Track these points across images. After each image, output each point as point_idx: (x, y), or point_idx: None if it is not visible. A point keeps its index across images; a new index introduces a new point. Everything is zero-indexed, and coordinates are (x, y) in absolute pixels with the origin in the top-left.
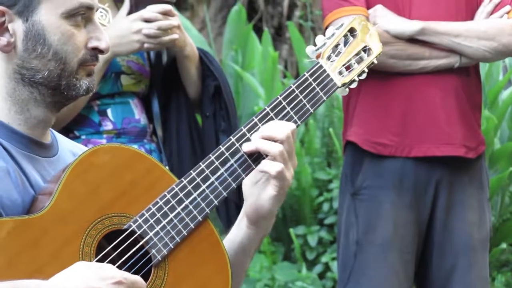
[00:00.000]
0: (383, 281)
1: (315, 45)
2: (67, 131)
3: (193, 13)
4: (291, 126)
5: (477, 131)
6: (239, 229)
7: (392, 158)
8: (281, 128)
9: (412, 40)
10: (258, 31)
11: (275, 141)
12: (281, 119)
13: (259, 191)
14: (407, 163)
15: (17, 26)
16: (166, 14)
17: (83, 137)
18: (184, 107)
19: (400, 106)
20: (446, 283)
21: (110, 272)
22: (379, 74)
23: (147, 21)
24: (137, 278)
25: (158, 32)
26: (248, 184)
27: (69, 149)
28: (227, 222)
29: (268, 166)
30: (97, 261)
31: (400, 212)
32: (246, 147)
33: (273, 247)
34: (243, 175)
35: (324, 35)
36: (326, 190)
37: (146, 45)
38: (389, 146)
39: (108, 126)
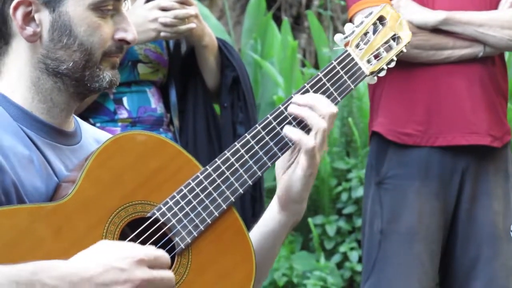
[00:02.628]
0: (408, 271)
1: (343, 33)
2: (82, 118)
3: (212, 2)
4: (335, 108)
5: (503, 120)
6: (270, 215)
7: (417, 148)
8: (327, 105)
9: (435, 30)
10: (277, 20)
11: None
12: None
13: (289, 175)
14: (432, 152)
15: (44, 16)
16: (183, 3)
17: (98, 125)
18: (202, 98)
19: (424, 96)
20: (470, 272)
21: (132, 250)
22: (403, 65)
23: (164, 10)
24: (160, 253)
25: (174, 21)
26: (280, 167)
27: (93, 137)
28: (242, 212)
29: (302, 136)
30: None
31: (425, 202)
32: (291, 109)
33: (291, 236)
34: (269, 163)
35: (353, 23)
36: (345, 180)
37: (162, 34)
38: (414, 135)
39: (123, 114)
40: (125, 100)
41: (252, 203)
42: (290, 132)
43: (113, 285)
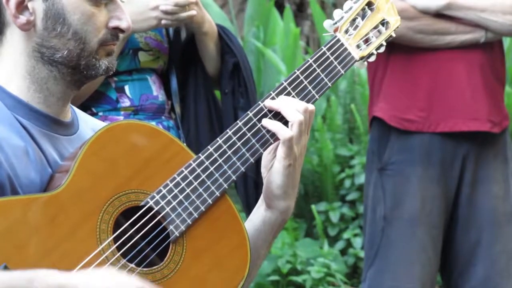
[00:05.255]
0: (411, 256)
1: (333, 19)
2: (85, 108)
3: None
4: (310, 105)
5: (502, 106)
6: (257, 214)
7: (419, 133)
8: (302, 102)
9: (438, 15)
10: (280, 7)
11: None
12: (299, 93)
13: (270, 170)
14: (434, 138)
15: (37, 5)
16: None
17: (101, 113)
18: (203, 84)
19: (426, 81)
20: (470, 257)
21: (129, 281)
22: (405, 50)
23: None
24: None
25: (175, 8)
26: (264, 166)
27: (91, 127)
28: (246, 198)
29: (279, 127)
30: (115, 238)
31: (427, 187)
32: (269, 103)
33: (295, 223)
34: (261, 150)
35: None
36: (348, 166)
37: (163, 22)
38: (415, 121)
39: (125, 102)
40: (127, 88)
41: (255, 189)
42: (268, 123)
43: None
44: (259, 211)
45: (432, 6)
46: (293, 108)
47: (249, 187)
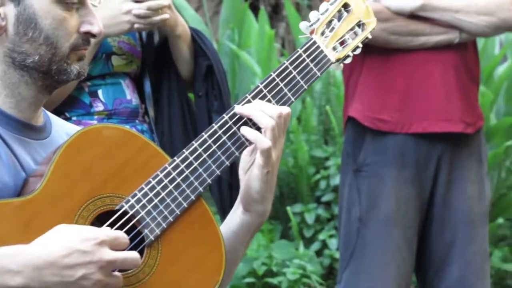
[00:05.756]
0: (386, 257)
1: (309, 21)
2: (58, 113)
3: None
4: (285, 108)
5: (476, 106)
6: (234, 217)
7: (394, 134)
8: (275, 107)
9: (412, 16)
10: (255, 9)
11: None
12: (275, 95)
13: (248, 174)
14: (408, 139)
15: (9, 10)
16: None
17: (74, 118)
18: (176, 87)
19: (401, 82)
20: (445, 257)
21: (92, 232)
22: (380, 51)
23: (137, 1)
24: (119, 233)
25: (148, 12)
26: (242, 168)
27: (64, 131)
28: (220, 200)
29: (258, 138)
30: None
31: (402, 188)
32: (240, 109)
33: (270, 225)
34: (237, 153)
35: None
36: (323, 168)
37: (136, 26)
38: (389, 122)
39: (99, 107)
40: (100, 92)
41: (229, 191)
42: (247, 132)
43: (77, 267)
44: (236, 214)
45: (406, 7)
46: (265, 114)
47: (223, 189)
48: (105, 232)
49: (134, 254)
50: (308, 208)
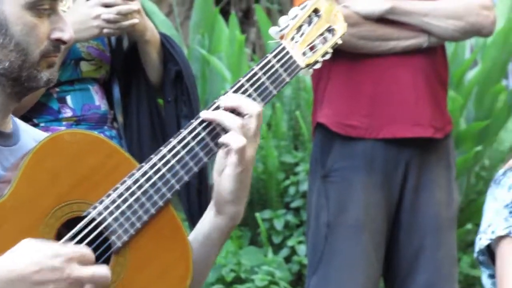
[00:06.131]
0: (354, 263)
1: (279, 26)
2: (26, 119)
3: None
4: (258, 106)
5: (445, 111)
6: (206, 219)
7: (362, 140)
8: (250, 103)
9: (381, 21)
10: (226, 14)
11: (239, 113)
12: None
13: (222, 176)
14: (377, 144)
15: None
16: None
17: (42, 124)
18: (145, 93)
19: (369, 87)
20: (414, 263)
21: (60, 249)
22: (349, 56)
23: (106, 6)
24: (85, 250)
25: (117, 17)
26: (216, 170)
27: (33, 137)
28: (189, 206)
29: (229, 138)
30: None
31: (370, 194)
32: (204, 115)
33: (239, 231)
34: (205, 159)
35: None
36: (293, 174)
37: (105, 31)
38: (358, 127)
39: (67, 113)
40: (68, 98)
41: (198, 197)
42: (221, 140)
43: (47, 284)
44: (209, 217)
45: (375, 11)
46: (230, 114)
47: (192, 195)
48: (73, 248)
49: (104, 270)
50: (277, 214)
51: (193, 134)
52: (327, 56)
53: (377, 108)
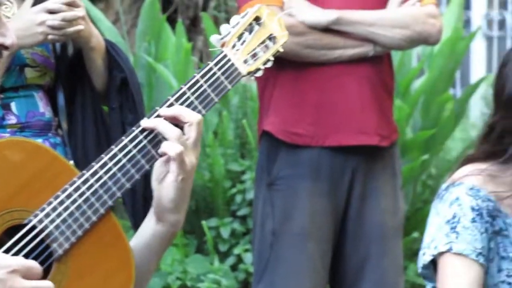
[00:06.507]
0: (300, 271)
1: (220, 34)
2: None
3: (107, 5)
4: (198, 115)
5: (390, 119)
6: (146, 227)
7: (308, 148)
8: (190, 112)
9: (327, 30)
10: (173, 22)
11: (180, 121)
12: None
13: (162, 184)
14: (323, 152)
15: None
16: (70, 5)
17: None
18: (90, 100)
19: (315, 95)
20: (359, 271)
21: (5, 261)
22: (295, 65)
23: (51, 12)
24: (33, 264)
25: (62, 23)
26: (155, 179)
27: None
28: (133, 213)
29: (167, 146)
30: None
31: (316, 202)
32: (144, 123)
33: (185, 239)
34: (147, 166)
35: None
36: (239, 182)
37: (50, 37)
38: (304, 136)
39: (11, 120)
40: (13, 105)
41: (143, 204)
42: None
43: None
44: (149, 225)
45: (321, 21)
46: (169, 124)
47: (137, 202)
48: (18, 261)
49: (47, 285)
50: (223, 222)
51: (135, 142)
52: (269, 64)
53: (323, 116)
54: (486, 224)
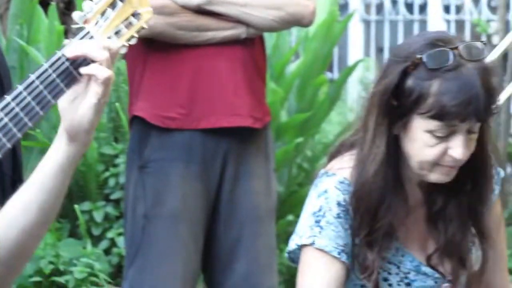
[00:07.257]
0: (172, 254)
1: (83, 11)
2: None
3: None
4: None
5: (263, 101)
6: (57, 150)
7: (180, 131)
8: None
9: (200, 11)
10: (46, 6)
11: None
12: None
13: (78, 106)
14: (195, 134)
15: None
16: None
17: None
18: None
19: (187, 78)
20: (232, 253)
21: None
22: (165, 47)
23: None
24: None
25: None
26: (66, 101)
27: None
28: (3, 199)
29: (96, 69)
30: None
31: (188, 184)
32: (71, 52)
33: (58, 224)
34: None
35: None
36: (112, 165)
37: None
38: (176, 119)
39: None
40: None
41: (12, 188)
42: (85, 70)
43: None
44: (60, 148)
45: (193, 1)
46: (98, 48)
47: (6, 187)
48: None
49: None
50: (96, 206)
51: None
52: (133, 41)
53: (195, 99)
54: (351, 221)
